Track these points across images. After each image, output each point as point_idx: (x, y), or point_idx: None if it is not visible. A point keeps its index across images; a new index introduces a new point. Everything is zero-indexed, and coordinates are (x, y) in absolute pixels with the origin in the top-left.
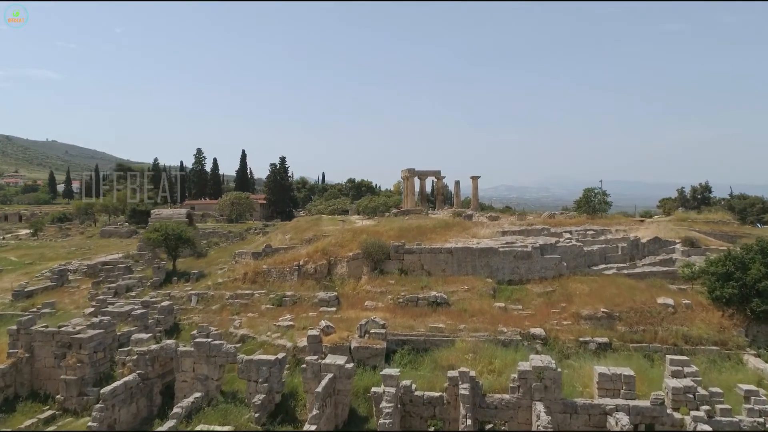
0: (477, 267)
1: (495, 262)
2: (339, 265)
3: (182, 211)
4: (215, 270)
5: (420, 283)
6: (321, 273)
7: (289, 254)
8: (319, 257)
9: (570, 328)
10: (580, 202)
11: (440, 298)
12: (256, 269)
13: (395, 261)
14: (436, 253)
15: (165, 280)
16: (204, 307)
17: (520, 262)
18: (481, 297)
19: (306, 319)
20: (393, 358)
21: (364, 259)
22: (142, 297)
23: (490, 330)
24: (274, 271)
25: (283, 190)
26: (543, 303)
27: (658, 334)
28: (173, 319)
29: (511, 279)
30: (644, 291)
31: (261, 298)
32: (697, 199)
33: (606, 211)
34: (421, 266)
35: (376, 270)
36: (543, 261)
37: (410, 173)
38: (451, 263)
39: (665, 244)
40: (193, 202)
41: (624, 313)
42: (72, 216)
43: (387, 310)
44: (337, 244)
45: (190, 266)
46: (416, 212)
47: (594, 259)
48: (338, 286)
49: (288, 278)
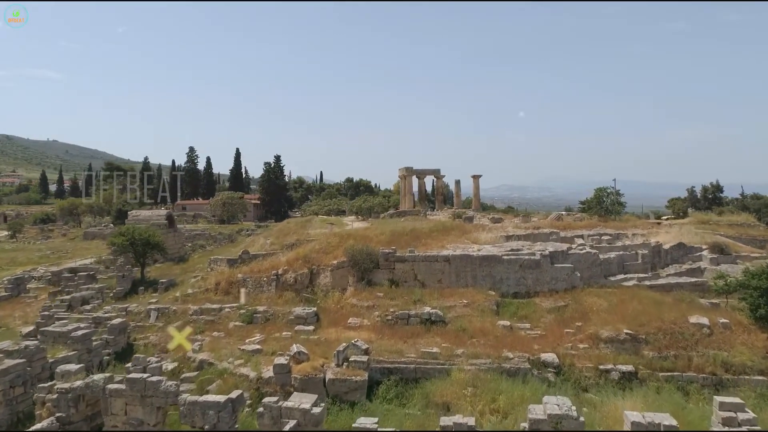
0: (478, 277)
1: (498, 272)
2: (322, 274)
3: (162, 213)
4: (189, 278)
5: (412, 297)
6: (302, 283)
7: (267, 262)
8: (300, 265)
9: (587, 352)
10: (591, 202)
11: (435, 315)
12: (230, 278)
13: (385, 270)
14: (431, 262)
15: (131, 290)
16: (164, 324)
17: (527, 271)
18: (483, 313)
19: (278, 340)
20: (377, 391)
21: (350, 268)
22: (98, 311)
23: (493, 355)
24: (250, 280)
25: (278, 189)
26: (554, 321)
27: (692, 360)
28: (126, 340)
29: (516, 291)
30: (672, 307)
31: (230, 314)
32: (708, 199)
33: (620, 213)
34: (414, 276)
35: (364, 280)
36: (553, 271)
37: (408, 172)
38: (448, 273)
39: (690, 250)
40: (185, 202)
41: (651, 335)
42: (55, 217)
43: (373, 329)
44: (320, 250)
45: (164, 273)
46: (413, 213)
47: (611, 269)
48: (320, 299)
49: (265, 289)
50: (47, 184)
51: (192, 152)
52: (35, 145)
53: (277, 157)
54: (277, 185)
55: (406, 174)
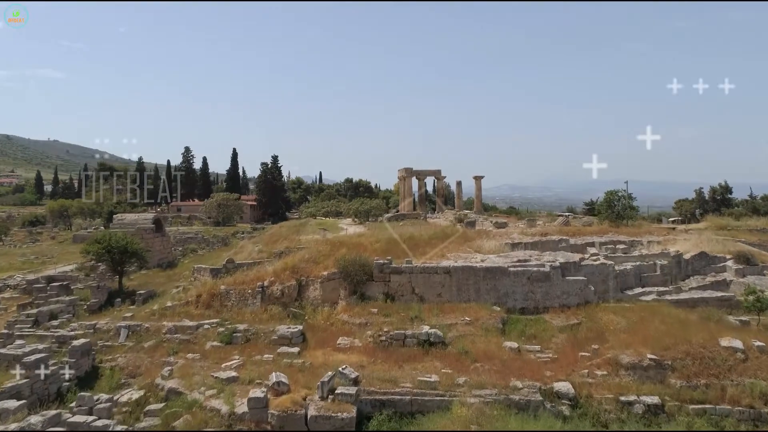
0: (481, 291)
1: (504, 286)
2: (311, 286)
3: (149, 216)
4: (172, 288)
5: (409, 313)
6: (289, 296)
7: (252, 272)
8: (288, 277)
9: (606, 381)
10: (601, 206)
11: (434, 335)
12: (212, 291)
13: (380, 283)
14: (430, 274)
15: (107, 302)
16: (135, 344)
17: (535, 285)
18: (487, 333)
19: (258, 364)
20: (367, 426)
21: (342, 280)
22: (66, 327)
23: (500, 385)
24: (234, 293)
25: (275, 191)
26: (567, 341)
27: (726, 391)
28: (91, 363)
29: (524, 307)
30: (699, 327)
31: (208, 332)
32: (716, 201)
33: (632, 218)
34: (412, 290)
35: (356, 294)
36: (564, 284)
37: (407, 173)
38: (449, 286)
39: (713, 260)
40: (180, 204)
41: (678, 361)
42: (45, 219)
43: (365, 351)
44: (310, 260)
45: (147, 282)
46: (413, 216)
47: (628, 281)
48: (309, 314)
49: (250, 302)
50: (42, 185)
51: (188, 152)
52: (35, 145)
53: (274, 158)
54: (274, 186)
55: (405, 175)
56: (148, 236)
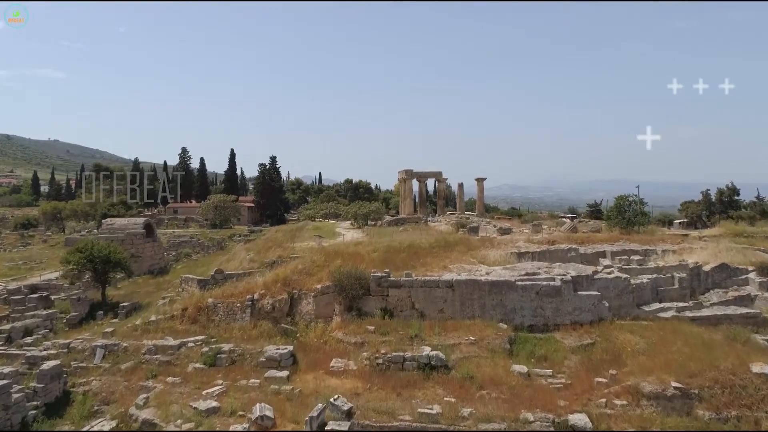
0: (486, 307)
1: (511, 301)
2: (304, 300)
3: (139, 221)
4: (158, 299)
5: (409, 331)
6: (280, 311)
7: (242, 284)
8: (279, 289)
9: (627, 412)
10: (611, 212)
11: (435, 358)
12: (199, 304)
13: (377, 298)
14: (431, 288)
15: (88, 315)
16: (112, 365)
17: (545, 300)
18: (494, 354)
19: (243, 391)
20: None
21: (336, 294)
22: (40, 345)
23: (509, 417)
24: (222, 306)
25: (274, 192)
26: (581, 364)
27: (760, 424)
28: (62, 387)
29: (532, 324)
30: (726, 349)
31: (191, 352)
32: (723, 203)
33: (644, 225)
34: (412, 305)
35: (352, 310)
36: (576, 300)
37: (407, 175)
38: (451, 301)
39: (734, 272)
40: (176, 205)
41: (705, 390)
42: (37, 221)
43: (360, 375)
44: (303, 271)
45: (133, 291)
46: (413, 220)
47: (644, 296)
48: (301, 331)
49: (238, 317)
50: (39, 185)
51: (185, 153)
52: (35, 145)
53: (272, 158)
54: (272, 187)
55: (405, 177)
56: (138, 242)
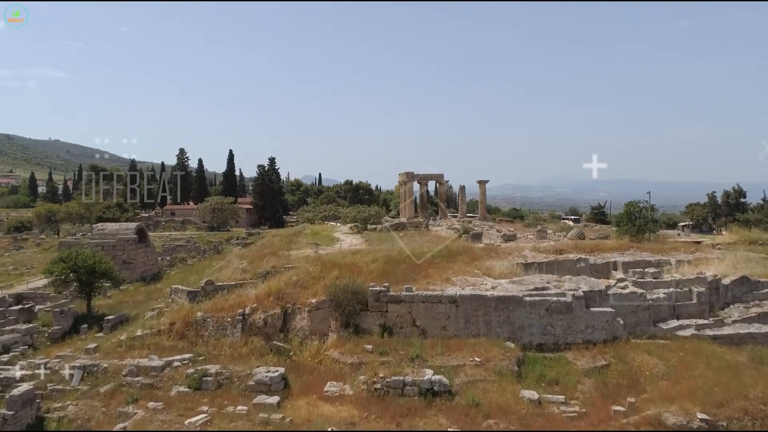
0: (492, 324)
1: (519, 317)
2: (298, 315)
3: (131, 226)
4: (147, 310)
5: (409, 350)
6: (273, 326)
7: (233, 296)
8: (272, 303)
9: None
10: (621, 219)
11: (438, 383)
12: (188, 318)
13: (375, 314)
14: (433, 303)
15: (71, 328)
16: (90, 388)
17: (555, 317)
18: (501, 377)
19: (229, 419)
20: None
21: (333, 309)
22: (16, 363)
23: None
24: (212, 321)
25: (272, 194)
26: (596, 389)
27: None
28: (34, 414)
29: (542, 343)
30: (753, 373)
31: (176, 373)
32: (729, 205)
33: (655, 233)
34: (413, 321)
35: (349, 326)
36: (589, 317)
37: (408, 178)
38: (455, 318)
39: (755, 285)
40: (173, 207)
41: (735, 422)
42: (31, 224)
43: (357, 401)
44: (297, 283)
45: (121, 301)
46: (414, 225)
47: (661, 312)
48: (294, 349)
49: (229, 332)
50: (36, 186)
51: (182, 154)
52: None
53: (271, 160)
54: (271, 189)
55: (406, 180)
56: (130, 248)
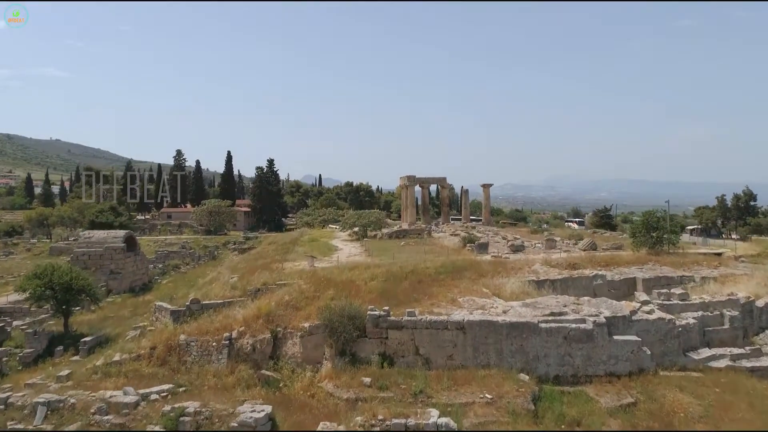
0: (504, 353)
1: (533, 346)
2: (290, 341)
3: (119, 234)
4: (130, 329)
5: (412, 384)
6: (262, 353)
7: (220, 317)
8: (261, 327)
9: None
10: (637, 229)
11: (445, 427)
12: (170, 341)
13: (374, 341)
14: (438, 330)
15: (46, 350)
16: (55, 427)
17: (574, 346)
18: (515, 418)
19: None
20: None
21: (327, 335)
22: None
23: None
24: (196, 345)
25: (271, 196)
26: None
27: None
28: None
29: (559, 374)
30: None
31: (151, 409)
32: (739, 209)
33: (675, 244)
34: (415, 350)
35: (345, 355)
36: (612, 346)
37: (410, 181)
38: (462, 346)
39: None
40: (170, 210)
41: None
42: (22, 228)
43: None
44: (289, 303)
45: (104, 317)
46: (415, 232)
47: (691, 340)
48: (285, 378)
49: (214, 358)
50: (32, 188)
51: (179, 155)
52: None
53: (270, 161)
54: (269, 192)
55: (408, 184)
56: (118, 257)
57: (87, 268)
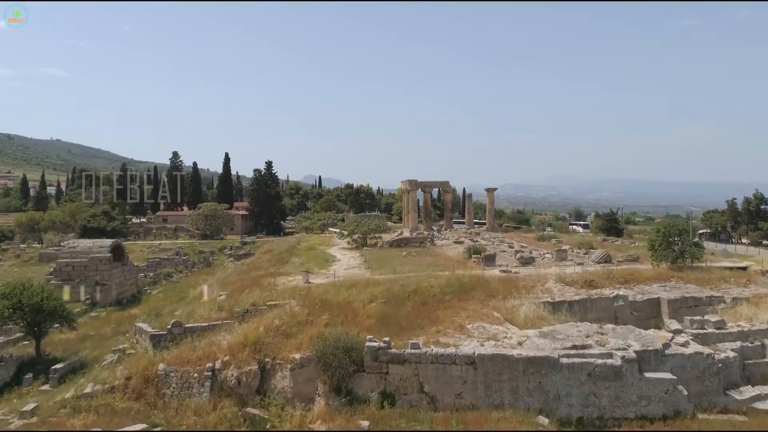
0: (520, 391)
1: (554, 384)
2: (279, 373)
3: (106, 243)
4: (108, 352)
5: (416, 429)
6: (248, 387)
7: (203, 345)
8: (248, 357)
9: None
10: (655, 240)
11: None
12: (147, 372)
13: (374, 376)
14: (446, 365)
15: (14, 377)
16: None
17: (599, 385)
18: None
19: None
20: None
21: (320, 369)
22: None
23: None
24: (175, 376)
25: (269, 199)
26: None
27: None
28: None
29: (583, 417)
30: None
31: None
32: (750, 213)
33: (699, 258)
34: (420, 387)
35: (341, 392)
36: (643, 385)
37: (411, 185)
38: (472, 383)
39: None
40: (165, 213)
41: None
42: (12, 233)
43: None
44: (279, 330)
45: (83, 336)
46: (417, 241)
47: (731, 376)
48: (273, 417)
49: (195, 391)
50: (28, 189)
51: (176, 157)
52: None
53: (268, 163)
54: (267, 195)
55: (409, 188)
56: (104, 267)
57: (71, 279)
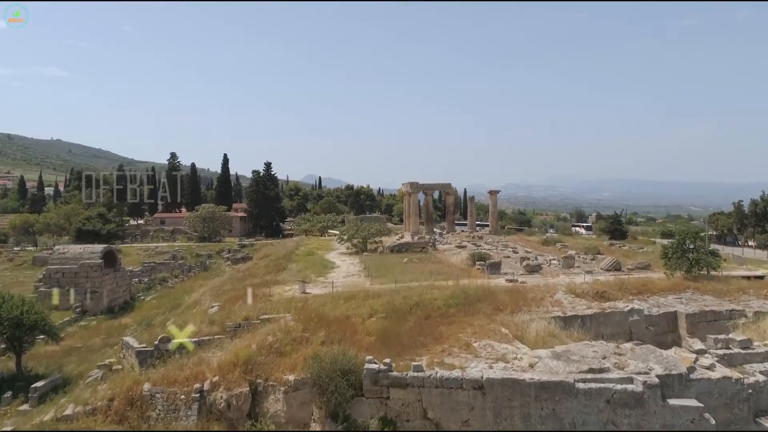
0: (533, 419)
1: (569, 411)
2: (272, 395)
3: (97, 249)
4: (94, 367)
5: None
6: (239, 410)
7: (191, 364)
8: (238, 378)
9: None
10: (670, 250)
11: None
12: (131, 392)
13: (374, 401)
14: (451, 389)
15: None
16: None
17: (619, 412)
18: None
19: None
20: None
21: (316, 393)
22: None
23: None
24: (161, 397)
25: (268, 201)
26: None
27: None
28: None
29: None
30: None
31: None
32: (757, 215)
33: (716, 268)
34: (423, 413)
35: (338, 419)
36: (667, 413)
37: (413, 188)
38: (481, 410)
39: None
40: (163, 215)
41: None
42: (6, 236)
43: None
44: (272, 348)
45: (69, 348)
46: (419, 246)
47: (761, 402)
48: None
49: (182, 414)
50: (26, 189)
51: (173, 158)
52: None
53: (267, 165)
54: (266, 196)
55: (410, 191)
56: (95, 274)
57: (61, 286)
